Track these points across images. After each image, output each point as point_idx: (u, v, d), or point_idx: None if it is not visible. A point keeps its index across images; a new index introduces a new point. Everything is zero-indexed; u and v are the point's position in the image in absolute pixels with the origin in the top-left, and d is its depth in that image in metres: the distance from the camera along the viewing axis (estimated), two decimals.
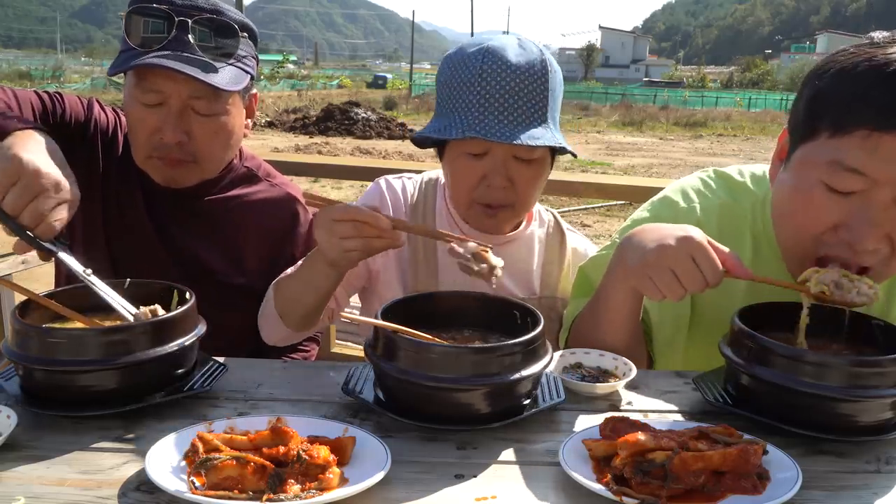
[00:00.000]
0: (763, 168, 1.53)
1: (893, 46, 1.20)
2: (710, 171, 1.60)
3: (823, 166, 1.22)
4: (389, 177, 1.72)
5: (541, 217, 1.74)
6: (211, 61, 1.55)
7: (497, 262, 1.30)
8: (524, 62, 1.44)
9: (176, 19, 1.53)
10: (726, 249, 1.24)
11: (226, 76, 1.56)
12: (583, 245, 1.77)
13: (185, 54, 1.53)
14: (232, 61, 1.60)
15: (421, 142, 1.57)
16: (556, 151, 1.55)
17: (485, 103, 1.43)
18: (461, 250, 1.30)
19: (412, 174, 1.75)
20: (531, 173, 1.50)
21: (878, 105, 1.16)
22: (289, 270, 1.55)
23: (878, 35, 1.25)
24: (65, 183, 1.28)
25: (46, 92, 1.65)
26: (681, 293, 1.22)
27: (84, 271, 1.25)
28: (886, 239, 1.22)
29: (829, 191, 1.23)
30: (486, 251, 1.29)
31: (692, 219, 1.48)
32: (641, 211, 1.59)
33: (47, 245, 1.26)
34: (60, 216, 1.26)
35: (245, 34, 1.63)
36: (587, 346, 1.38)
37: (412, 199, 1.68)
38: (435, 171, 1.74)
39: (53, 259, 1.28)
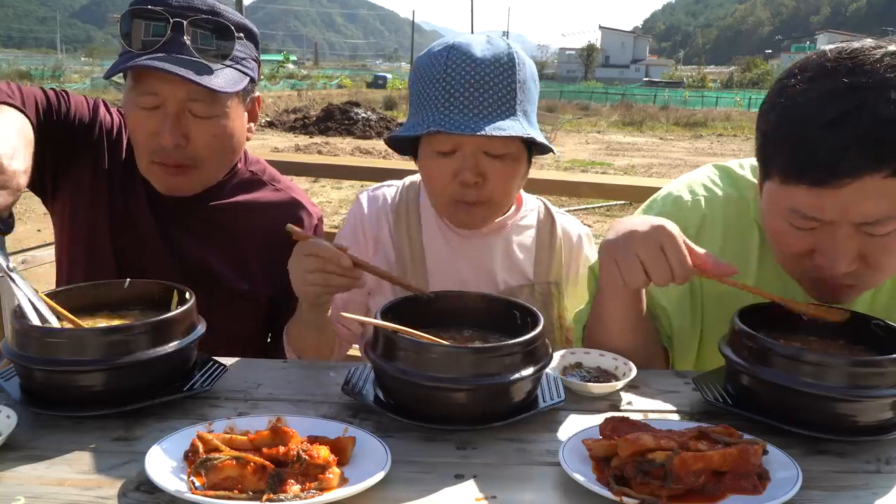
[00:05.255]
0: None
1: (827, 82, 1.17)
2: (709, 166, 1.61)
3: (784, 209, 1.25)
4: (369, 189, 1.74)
5: (528, 204, 1.74)
6: (207, 63, 1.53)
7: None
8: (490, 55, 1.44)
9: (171, 20, 1.52)
10: (701, 251, 1.25)
11: (223, 78, 1.54)
12: (574, 226, 1.77)
13: (181, 56, 1.51)
14: (229, 63, 1.58)
15: (395, 146, 1.58)
16: (532, 148, 1.54)
17: (449, 98, 1.42)
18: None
19: (393, 181, 1.76)
20: (503, 169, 1.49)
21: (814, 165, 1.17)
22: None
23: (830, 50, 1.23)
24: (8, 166, 1.21)
25: (53, 89, 1.64)
26: (642, 280, 1.23)
27: (7, 266, 1.20)
28: (859, 259, 1.24)
29: (794, 227, 1.26)
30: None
31: (698, 212, 1.50)
32: (647, 209, 1.59)
33: None
34: None
35: (242, 35, 1.61)
36: (599, 349, 1.38)
37: (394, 204, 1.69)
38: (417, 174, 1.73)
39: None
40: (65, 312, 1.21)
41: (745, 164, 1.57)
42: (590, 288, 1.60)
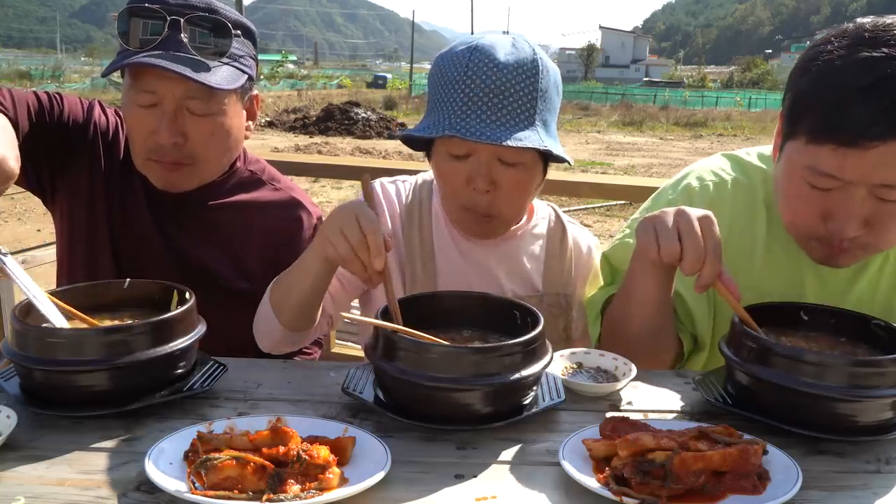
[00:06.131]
0: (768, 147, 1.58)
1: (865, 50, 1.22)
2: (718, 155, 1.64)
3: (803, 168, 1.30)
4: (384, 180, 1.70)
5: (540, 212, 1.71)
6: (204, 60, 1.53)
7: None
8: (513, 61, 1.40)
9: (168, 18, 1.52)
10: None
11: (220, 75, 1.54)
12: (584, 237, 1.74)
13: (178, 54, 1.51)
14: (227, 60, 1.57)
15: (408, 141, 1.55)
16: (548, 158, 1.50)
17: (468, 102, 1.39)
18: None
19: (406, 176, 1.73)
20: (517, 177, 1.45)
21: (845, 126, 1.22)
22: None
23: (867, 22, 1.28)
24: None
25: (46, 92, 1.65)
26: (677, 249, 1.23)
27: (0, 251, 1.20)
28: (865, 224, 1.30)
29: (812, 187, 1.31)
30: None
31: (706, 196, 1.52)
32: (656, 197, 1.61)
33: None
34: None
35: (240, 33, 1.61)
36: (619, 334, 1.39)
37: (407, 202, 1.66)
38: (429, 172, 1.70)
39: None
40: (76, 312, 1.21)
41: (752, 152, 1.61)
42: (604, 274, 1.61)
